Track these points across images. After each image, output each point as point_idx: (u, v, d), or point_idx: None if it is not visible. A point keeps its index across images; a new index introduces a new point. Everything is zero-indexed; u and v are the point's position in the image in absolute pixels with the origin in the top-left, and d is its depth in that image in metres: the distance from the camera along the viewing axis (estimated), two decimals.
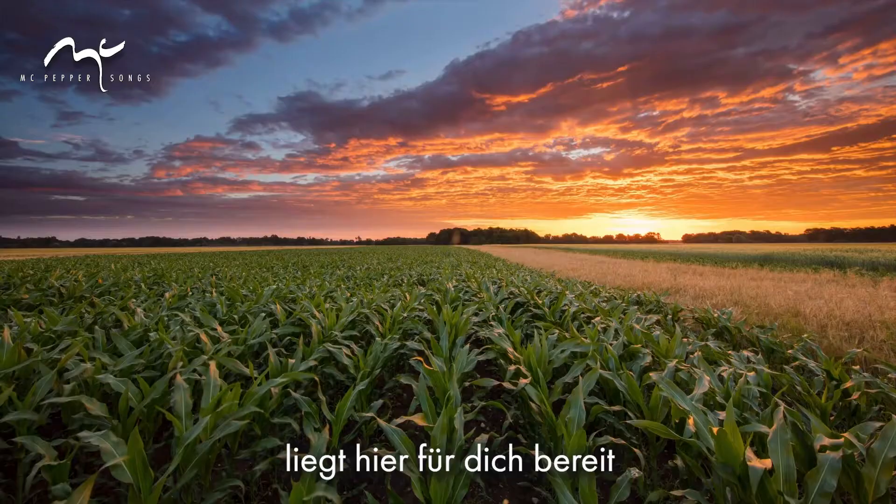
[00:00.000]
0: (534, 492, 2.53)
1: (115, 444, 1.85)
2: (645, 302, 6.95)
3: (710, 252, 31.33)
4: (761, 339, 4.70)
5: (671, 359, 3.23)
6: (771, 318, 6.32)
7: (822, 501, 1.49)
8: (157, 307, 4.98)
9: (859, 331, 5.39)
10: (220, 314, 4.47)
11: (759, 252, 27.69)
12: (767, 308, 7.02)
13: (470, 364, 2.88)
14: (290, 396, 2.76)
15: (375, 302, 4.97)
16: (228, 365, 2.76)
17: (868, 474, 1.73)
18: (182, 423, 2.14)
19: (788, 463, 1.56)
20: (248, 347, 3.44)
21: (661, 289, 9.37)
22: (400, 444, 1.84)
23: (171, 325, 4.02)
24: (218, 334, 3.48)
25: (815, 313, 6.29)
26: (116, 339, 3.39)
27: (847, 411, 2.92)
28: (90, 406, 2.36)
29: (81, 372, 2.71)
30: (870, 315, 5.92)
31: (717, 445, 1.66)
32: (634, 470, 1.80)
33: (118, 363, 2.96)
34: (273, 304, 4.76)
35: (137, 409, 2.50)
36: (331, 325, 3.89)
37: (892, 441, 1.77)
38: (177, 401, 2.26)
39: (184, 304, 5.23)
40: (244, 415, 2.09)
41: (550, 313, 4.93)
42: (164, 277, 9.52)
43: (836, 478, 1.51)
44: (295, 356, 3.15)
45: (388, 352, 3.33)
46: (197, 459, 1.90)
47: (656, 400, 2.48)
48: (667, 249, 43.93)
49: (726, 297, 8.42)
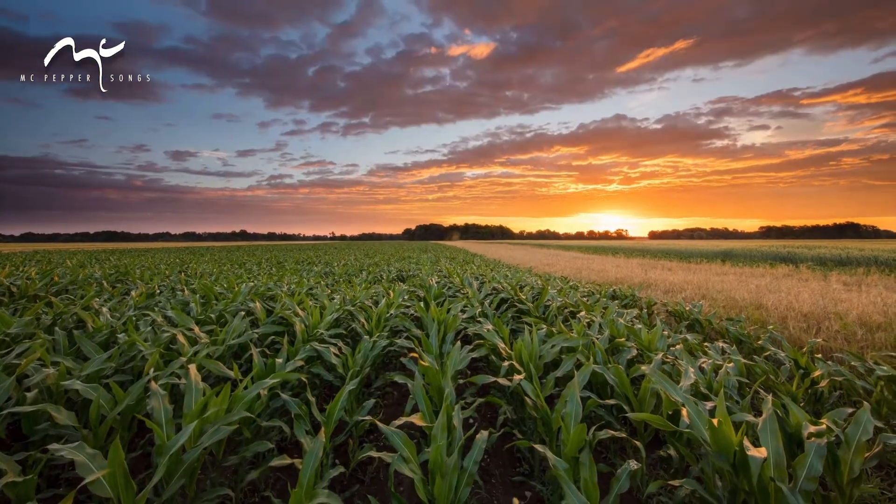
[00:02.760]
0: (527, 486, 2.55)
1: (91, 456, 1.71)
2: (620, 296, 7.17)
3: (676, 248, 32.77)
4: (730, 330, 4.95)
5: (654, 352, 3.34)
6: (737, 311, 6.67)
7: (809, 485, 1.57)
8: (123, 306, 4.67)
9: (816, 322, 5.78)
10: (194, 313, 4.24)
11: (720, 248, 29.25)
12: (733, 301, 7.40)
13: (463, 361, 2.86)
14: (278, 398, 2.66)
15: (359, 299, 4.86)
16: (210, 367, 2.62)
17: (844, 457, 1.85)
18: (163, 430, 2.01)
19: (778, 450, 1.63)
20: (228, 348, 3.27)
21: (633, 283, 9.71)
22: (402, 445, 1.80)
23: (140, 325, 3.77)
24: (195, 335, 3.30)
25: (776, 306, 6.70)
26: (81, 341, 3.14)
27: (812, 397, 3.11)
28: (57, 415, 2.18)
29: (44, 378, 2.49)
30: (825, 307, 6.36)
31: (712, 435, 1.72)
32: (632, 462, 1.84)
33: (85, 367, 2.75)
34: (251, 302, 4.56)
35: (110, 417, 2.32)
36: (315, 323, 3.77)
37: (865, 426, 1.90)
38: (155, 407, 2.12)
39: (153, 304, 4.93)
40: (233, 420, 1.98)
41: (534, 308, 4.99)
42: (129, 275, 8.95)
43: (822, 462, 1.60)
44: (280, 356, 3.03)
45: (376, 350, 3.26)
46: (184, 469, 1.78)
47: (645, 392, 2.55)
48: (635, 245, 45.55)
49: (694, 291, 8.81)
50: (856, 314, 5.72)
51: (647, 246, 42.51)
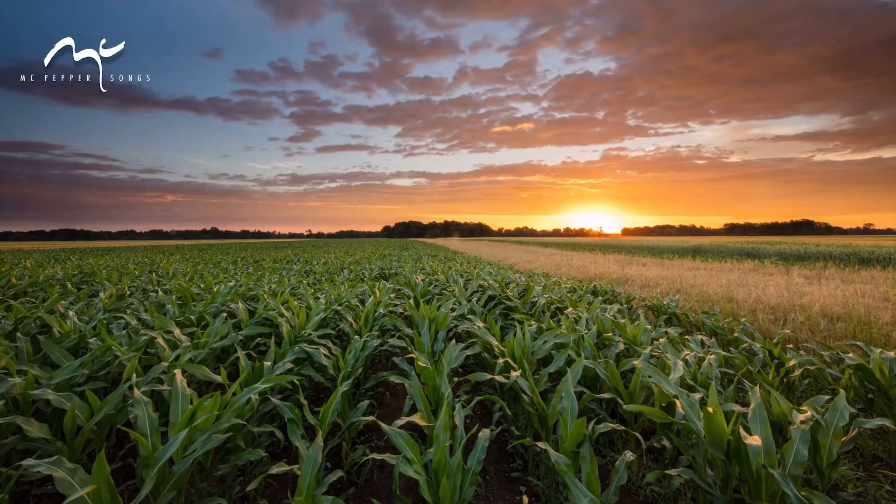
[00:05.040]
0: (521, 482, 2.58)
1: (71, 471, 1.60)
2: (601, 292, 7.35)
3: (649, 244, 33.96)
4: (706, 323, 5.16)
5: (641, 345, 3.44)
6: (710, 305, 6.96)
7: (796, 470, 1.66)
8: (92, 309, 4.40)
9: (783, 313, 6.11)
10: (171, 315, 4.04)
11: (690, 244, 30.52)
12: (706, 295, 7.72)
13: (458, 360, 2.86)
14: (267, 403, 2.57)
15: (346, 298, 4.77)
16: (196, 372, 2.50)
17: (823, 442, 1.96)
18: (148, 440, 1.90)
19: (768, 438, 1.71)
20: (211, 351, 3.14)
21: (612, 279, 9.98)
22: (405, 447, 1.77)
23: (113, 329, 3.57)
24: (175, 338, 3.15)
25: (745, 299, 7.04)
26: (48, 347, 2.94)
27: (785, 386, 3.29)
28: (28, 428, 2.03)
29: (10, 387, 2.32)
30: (790, 300, 6.73)
31: (706, 425, 1.79)
32: (629, 453, 1.89)
33: (55, 375, 2.57)
34: (233, 303, 4.39)
35: (87, 428, 2.19)
36: (301, 324, 3.67)
37: (841, 412, 2.02)
38: (139, 416, 2.00)
39: (123, 306, 4.67)
40: (225, 427, 1.89)
41: (521, 305, 5.04)
42: (95, 275, 8.45)
43: (807, 448, 1.68)
44: (267, 358, 2.93)
45: (368, 350, 3.21)
46: (174, 481, 1.69)
47: (635, 385, 2.62)
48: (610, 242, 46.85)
49: (669, 285, 9.14)
50: (819, 306, 6.09)
51: (622, 242, 43.78)
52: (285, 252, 22.38)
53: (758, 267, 13.53)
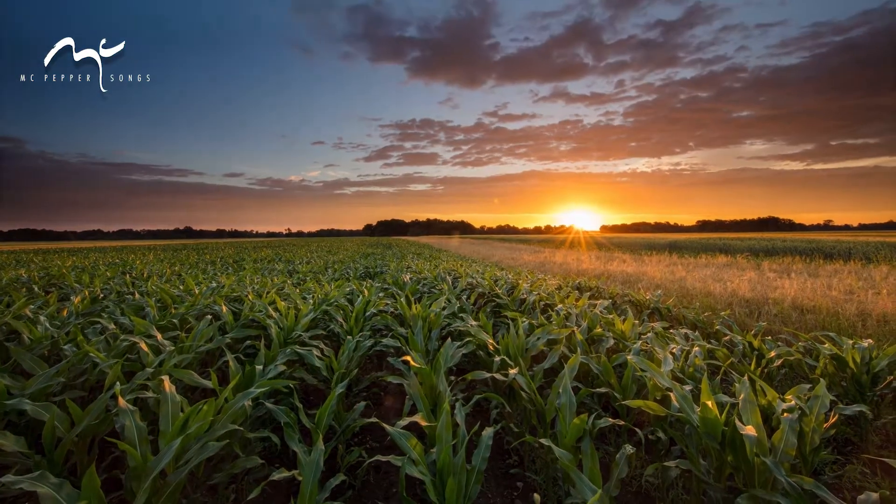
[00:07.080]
0: (519, 477, 2.60)
1: (57, 486, 1.51)
2: (585, 288, 7.50)
3: (626, 240, 34.87)
4: (688, 317, 5.34)
5: (630, 340, 3.52)
6: (689, 299, 7.20)
7: (786, 457, 1.73)
8: (64, 314, 4.18)
9: (757, 307, 6.39)
10: (151, 318, 3.88)
11: (666, 240, 31.54)
12: (685, 290, 7.98)
13: (454, 359, 2.85)
14: (261, 407, 2.50)
15: (335, 298, 4.69)
16: (184, 377, 2.41)
17: (807, 429, 2.05)
18: (138, 451, 1.82)
19: (758, 426, 1.78)
20: (197, 355, 3.03)
21: (595, 275, 10.20)
22: (409, 448, 1.76)
23: (89, 334, 3.39)
24: (157, 342, 3.02)
25: (722, 293, 7.32)
26: (18, 354, 2.78)
27: (766, 375, 3.44)
28: (3, 441, 1.90)
29: None
30: (763, 293, 7.04)
31: (702, 417, 1.84)
32: (628, 446, 1.93)
33: (29, 384, 2.43)
34: (216, 305, 4.25)
35: (68, 440, 2.07)
36: (291, 325, 3.59)
37: (823, 399, 2.12)
38: (126, 425, 1.91)
39: (98, 309, 4.45)
40: (220, 434, 1.83)
41: (511, 302, 5.08)
42: (63, 278, 8.02)
43: (795, 435, 1.76)
44: (257, 362, 2.85)
45: (361, 350, 3.17)
46: (168, 493, 1.62)
47: (628, 379, 2.68)
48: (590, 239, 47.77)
49: (650, 281, 9.40)
50: (790, 300, 6.39)
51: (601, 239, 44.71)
52: (265, 252, 21.84)
53: (731, 262, 14.08)
